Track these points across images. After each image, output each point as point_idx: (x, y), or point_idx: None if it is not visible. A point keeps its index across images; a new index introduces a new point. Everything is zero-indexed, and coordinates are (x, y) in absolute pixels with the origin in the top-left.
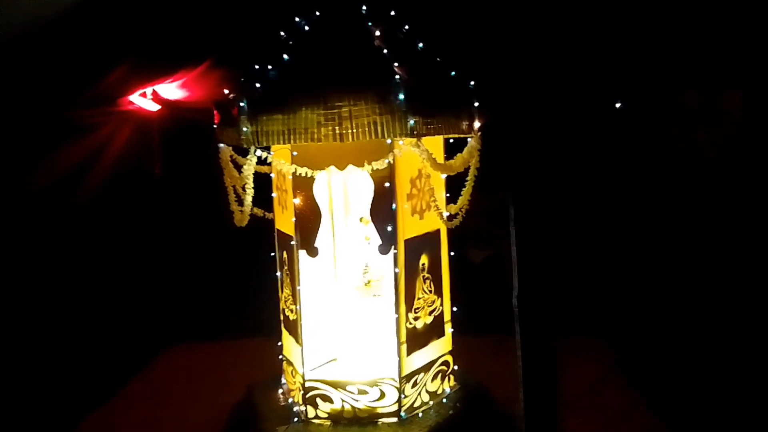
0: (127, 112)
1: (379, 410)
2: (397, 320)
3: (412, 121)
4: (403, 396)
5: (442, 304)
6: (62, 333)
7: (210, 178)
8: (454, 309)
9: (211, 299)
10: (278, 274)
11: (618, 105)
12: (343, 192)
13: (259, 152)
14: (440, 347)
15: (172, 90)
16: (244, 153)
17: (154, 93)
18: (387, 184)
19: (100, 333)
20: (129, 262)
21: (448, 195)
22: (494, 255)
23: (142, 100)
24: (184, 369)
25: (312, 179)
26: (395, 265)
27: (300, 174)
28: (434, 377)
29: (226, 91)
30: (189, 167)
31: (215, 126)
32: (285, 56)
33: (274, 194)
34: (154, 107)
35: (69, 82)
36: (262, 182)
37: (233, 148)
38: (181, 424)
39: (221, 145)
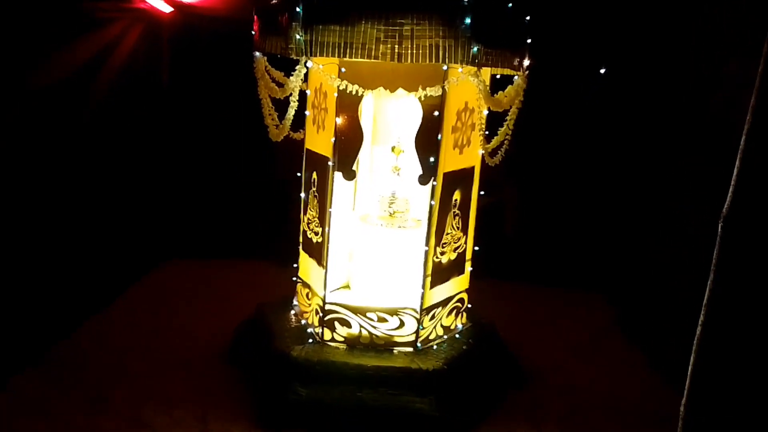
0: (139, 11)
1: (396, 339)
2: (426, 253)
3: (475, 49)
4: (421, 327)
5: (465, 243)
6: (64, 236)
7: (221, 91)
8: (476, 249)
9: (212, 217)
10: (302, 195)
11: (602, 71)
12: (373, 117)
13: (309, 63)
14: (459, 284)
15: None
16: (281, 65)
17: None
18: (436, 113)
19: (102, 242)
20: (134, 172)
21: (487, 132)
22: (496, 202)
23: None
24: (186, 283)
25: (358, 99)
26: (431, 197)
27: (350, 92)
28: (449, 313)
29: None
30: (199, 77)
31: (254, 33)
32: None
33: (307, 112)
34: (167, 8)
35: None
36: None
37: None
38: (184, 335)
39: (257, 54)
